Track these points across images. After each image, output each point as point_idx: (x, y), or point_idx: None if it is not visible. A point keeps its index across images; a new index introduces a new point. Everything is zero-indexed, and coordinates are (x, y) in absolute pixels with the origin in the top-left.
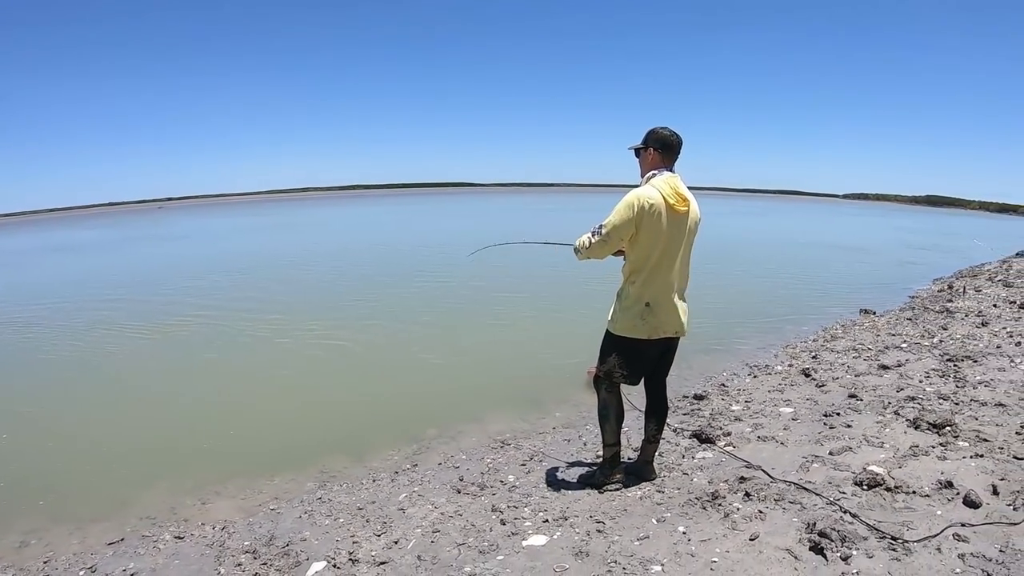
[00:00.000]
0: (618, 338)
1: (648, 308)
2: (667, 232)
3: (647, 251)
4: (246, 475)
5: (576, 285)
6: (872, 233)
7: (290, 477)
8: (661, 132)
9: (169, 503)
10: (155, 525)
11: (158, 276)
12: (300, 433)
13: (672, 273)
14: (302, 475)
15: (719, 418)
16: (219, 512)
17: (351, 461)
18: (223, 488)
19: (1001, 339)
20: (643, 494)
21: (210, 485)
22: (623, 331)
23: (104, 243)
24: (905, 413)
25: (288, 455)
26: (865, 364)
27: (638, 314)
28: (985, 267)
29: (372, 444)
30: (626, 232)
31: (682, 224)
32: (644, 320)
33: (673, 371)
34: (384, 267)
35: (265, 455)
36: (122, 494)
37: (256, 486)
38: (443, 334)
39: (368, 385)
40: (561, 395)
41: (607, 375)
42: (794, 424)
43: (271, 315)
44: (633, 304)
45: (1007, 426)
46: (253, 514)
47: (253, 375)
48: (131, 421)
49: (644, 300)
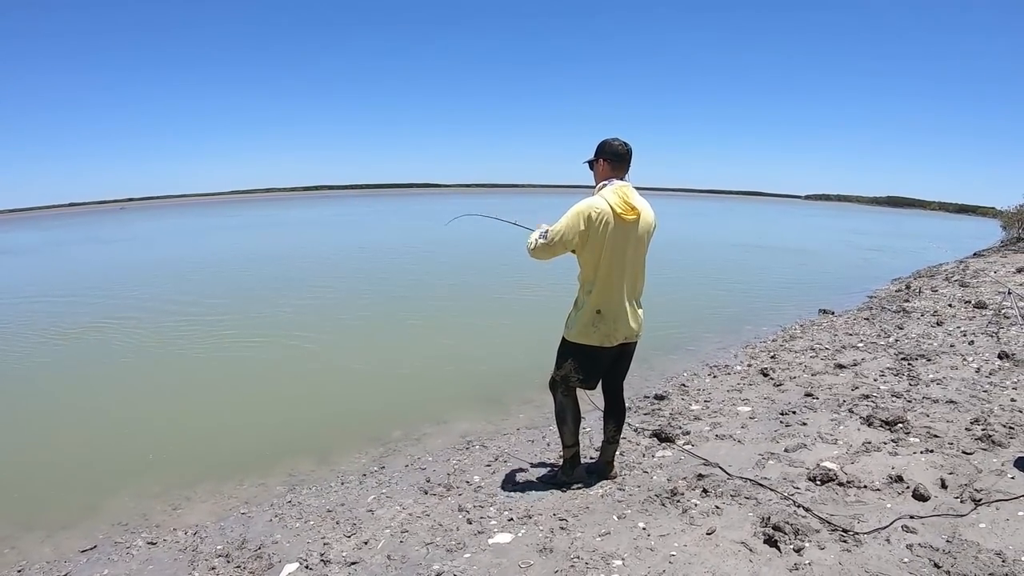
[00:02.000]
0: (573, 344)
1: (599, 315)
2: (615, 241)
3: (595, 259)
4: (214, 480)
5: (541, 287)
6: (819, 235)
7: (258, 481)
8: (611, 143)
9: (140, 509)
10: (127, 531)
11: (126, 278)
12: (266, 437)
13: (623, 280)
14: (271, 479)
15: (679, 418)
16: (190, 517)
17: (318, 464)
18: (192, 493)
19: (955, 338)
20: (605, 492)
21: (179, 490)
22: (577, 338)
23: (39, 246)
24: (859, 411)
25: (255, 459)
26: (822, 363)
27: (590, 321)
28: (943, 267)
29: (339, 447)
30: (570, 240)
31: (631, 232)
32: (596, 327)
33: (634, 372)
34: (344, 269)
35: (232, 460)
36: (91, 501)
37: (225, 490)
38: (403, 335)
39: (331, 388)
40: (524, 396)
41: (563, 380)
42: (752, 423)
43: (230, 318)
44: (585, 311)
45: (957, 422)
46: (224, 518)
47: (215, 380)
48: (92, 429)
49: (596, 308)
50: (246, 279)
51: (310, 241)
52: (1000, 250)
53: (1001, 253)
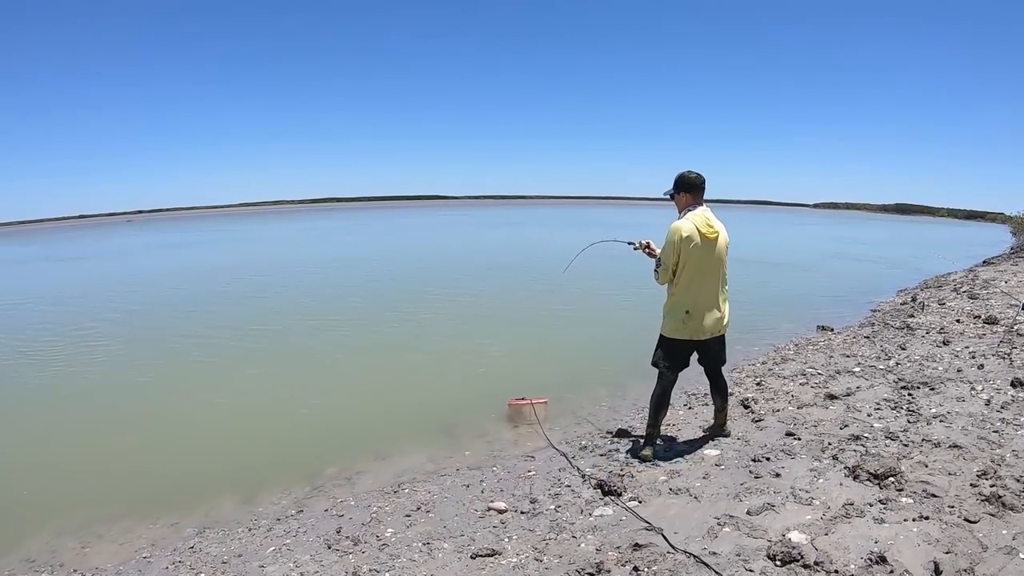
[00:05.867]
0: (664, 338)
1: (688, 315)
2: (701, 254)
3: (681, 268)
4: (134, 516)
5: (510, 311)
6: (809, 245)
7: (174, 520)
8: (688, 177)
9: (52, 545)
10: (32, 570)
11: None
12: (199, 469)
13: (707, 285)
14: (187, 518)
15: (633, 462)
16: (95, 558)
17: (241, 504)
18: (106, 531)
19: (963, 360)
20: (518, 563)
21: (95, 526)
22: (670, 333)
23: None
24: (845, 458)
25: (181, 495)
26: (811, 393)
27: (680, 320)
28: (951, 277)
29: (268, 485)
30: (672, 259)
31: (712, 247)
32: (685, 325)
33: (604, 400)
34: (300, 286)
35: (158, 494)
36: (15, 532)
37: (139, 530)
38: (364, 358)
39: (275, 417)
40: (479, 429)
41: (654, 365)
42: (716, 471)
43: (181, 342)
44: (674, 311)
45: (961, 475)
46: (125, 562)
47: (156, 408)
48: (24, 457)
49: (684, 308)
50: (199, 299)
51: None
52: (1011, 257)
53: (1012, 261)
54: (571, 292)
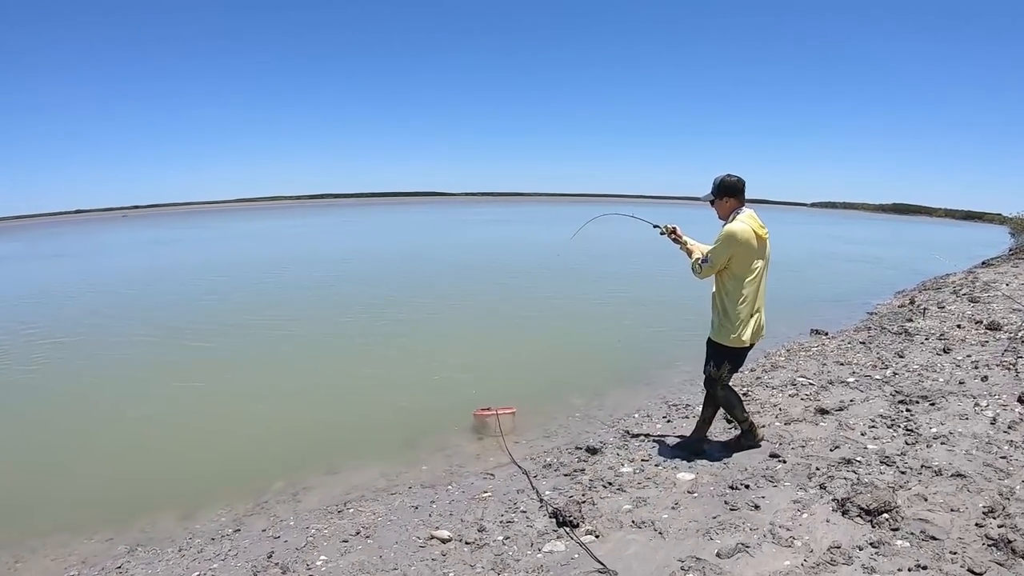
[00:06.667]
0: (730, 349)
1: (753, 319)
2: (758, 257)
3: (745, 272)
4: (72, 529)
5: (484, 312)
6: (803, 244)
7: (109, 536)
8: (730, 182)
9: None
10: None
11: None
12: (145, 480)
13: (761, 289)
14: (124, 533)
15: (597, 486)
16: (24, 573)
17: (180, 519)
18: (41, 544)
19: (965, 370)
20: None
21: (33, 539)
22: (735, 343)
23: None
24: (834, 487)
25: (123, 508)
26: (801, 406)
27: (748, 326)
28: (950, 278)
29: (212, 498)
30: (724, 260)
31: (764, 248)
32: (751, 331)
33: (578, 411)
34: (271, 288)
35: (100, 506)
36: None
37: (73, 544)
38: (328, 362)
39: (231, 424)
40: (440, 441)
41: (720, 378)
42: (688, 500)
43: (126, 341)
44: (745, 318)
45: (965, 512)
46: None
47: (104, 413)
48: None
49: (749, 314)
50: (156, 299)
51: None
52: (1010, 259)
53: (1012, 262)
54: (552, 292)
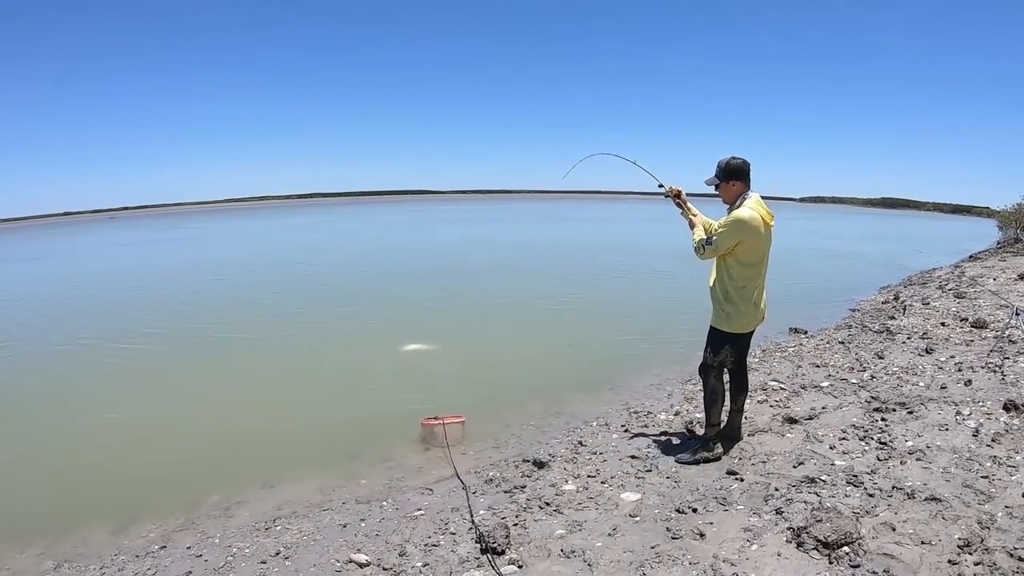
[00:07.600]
0: (733, 335)
1: (755, 306)
2: (764, 242)
3: (753, 258)
4: (9, 540)
5: (445, 315)
6: (795, 241)
7: (41, 549)
8: (735, 164)
9: None
10: None
11: None
12: (86, 488)
13: (763, 274)
14: (56, 547)
15: (533, 507)
16: None
17: (112, 533)
18: None
19: (947, 374)
20: None
21: None
22: (738, 328)
23: None
24: (791, 513)
25: (59, 519)
26: (769, 414)
27: (749, 312)
28: (936, 273)
29: (146, 511)
30: (731, 245)
31: (770, 235)
32: (752, 317)
33: (532, 419)
34: (225, 291)
35: (39, 518)
36: None
37: (6, 559)
38: (275, 368)
39: (173, 434)
40: (385, 452)
41: (720, 364)
42: (628, 525)
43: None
44: (745, 302)
45: (938, 545)
46: None
47: (41, 424)
48: None
49: (751, 299)
50: (105, 303)
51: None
52: (998, 252)
53: (999, 256)
54: (521, 293)
